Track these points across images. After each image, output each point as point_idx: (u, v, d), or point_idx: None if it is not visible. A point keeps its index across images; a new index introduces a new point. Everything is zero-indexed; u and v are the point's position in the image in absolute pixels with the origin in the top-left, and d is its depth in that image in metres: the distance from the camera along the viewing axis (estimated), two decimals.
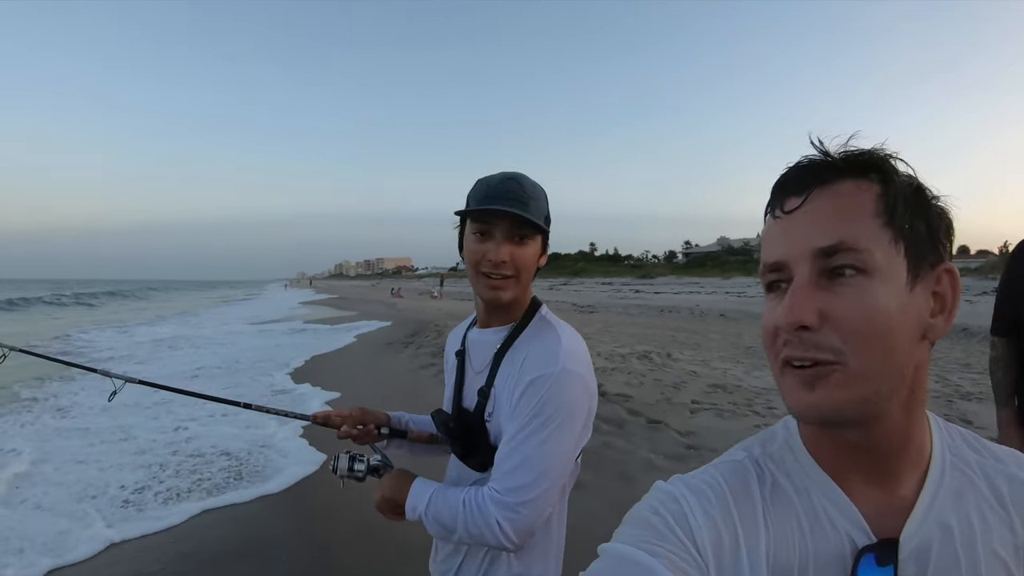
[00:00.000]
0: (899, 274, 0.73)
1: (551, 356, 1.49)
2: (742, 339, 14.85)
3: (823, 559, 0.77)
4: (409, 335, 16.33)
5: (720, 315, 22.22)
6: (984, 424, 6.64)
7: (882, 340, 0.71)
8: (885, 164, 0.77)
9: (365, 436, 1.82)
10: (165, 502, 5.39)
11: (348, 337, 17.99)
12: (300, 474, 5.97)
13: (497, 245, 1.55)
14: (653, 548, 0.75)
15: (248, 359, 14.33)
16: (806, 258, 0.74)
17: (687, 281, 60.69)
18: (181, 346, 17.98)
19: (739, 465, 0.86)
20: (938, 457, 0.82)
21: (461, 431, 1.65)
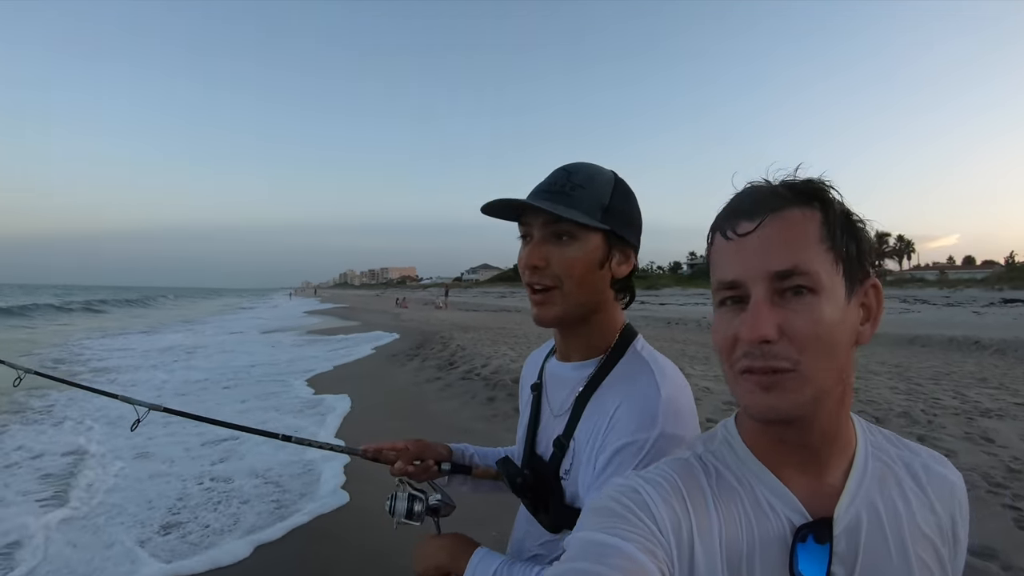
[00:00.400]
0: (839, 291, 0.83)
1: (647, 415, 1.19)
2: None
3: (767, 540, 0.86)
4: (414, 347, 16.13)
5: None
6: (1006, 443, 6.40)
7: (828, 348, 0.81)
8: (825, 193, 0.86)
9: (423, 473, 1.57)
10: (204, 540, 4.82)
11: (361, 350, 17.71)
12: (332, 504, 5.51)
13: (530, 246, 1.31)
14: (622, 532, 0.81)
15: (257, 373, 14.03)
16: (763, 279, 0.82)
17: (692, 292, 60.69)
18: (191, 356, 17.71)
19: (686, 462, 0.94)
20: (861, 448, 0.93)
21: (532, 485, 1.38)
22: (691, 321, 24.85)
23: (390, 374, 12.53)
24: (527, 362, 1.66)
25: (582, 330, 1.36)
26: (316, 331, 26.55)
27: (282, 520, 5.14)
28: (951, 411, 7.94)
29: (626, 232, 1.34)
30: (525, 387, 1.58)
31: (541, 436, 1.44)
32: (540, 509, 1.37)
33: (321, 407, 9.68)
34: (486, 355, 13.05)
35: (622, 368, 1.32)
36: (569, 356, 1.40)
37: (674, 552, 0.82)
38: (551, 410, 1.42)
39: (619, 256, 1.34)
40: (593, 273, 1.30)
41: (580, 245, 1.29)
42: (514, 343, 15.88)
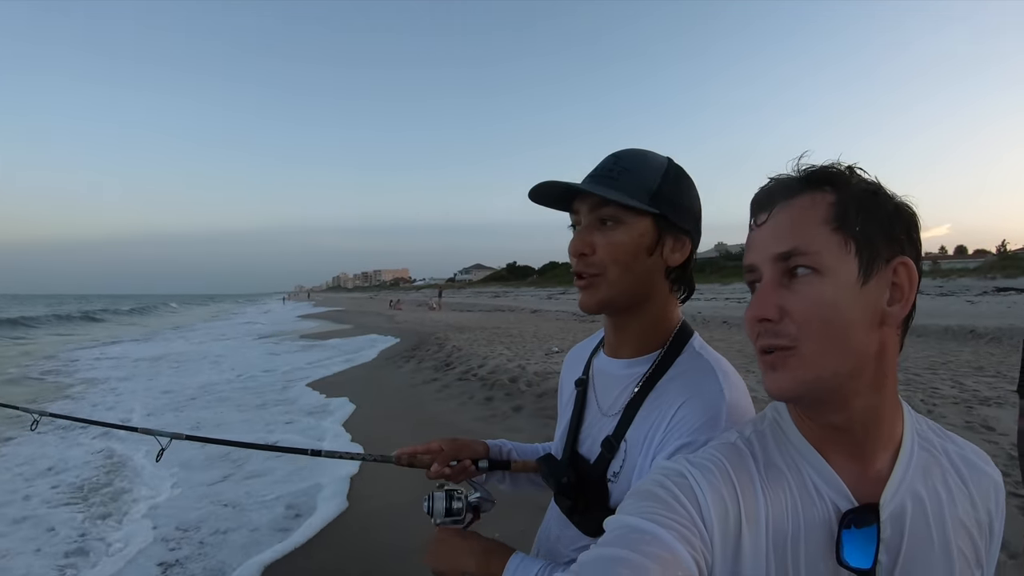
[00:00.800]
0: (848, 271, 0.83)
1: (711, 416, 1.13)
2: (748, 347, 14.26)
3: (812, 525, 0.86)
4: (410, 349, 16.11)
5: (723, 322, 21.99)
6: (1006, 430, 6.44)
7: (832, 327, 0.82)
8: (837, 177, 0.88)
9: (461, 473, 1.49)
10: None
11: (366, 354, 17.57)
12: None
13: (578, 233, 1.26)
14: (660, 519, 0.81)
15: (256, 384, 13.73)
16: (769, 261, 0.87)
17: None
18: (191, 366, 17.46)
19: (734, 446, 0.94)
20: (908, 437, 0.93)
21: (576, 486, 1.31)
22: (686, 316, 24.51)
23: (387, 376, 12.49)
24: (569, 356, 1.59)
25: (633, 322, 1.30)
26: (311, 335, 26.46)
27: (287, 535, 5.05)
28: (950, 400, 7.99)
29: (679, 218, 1.26)
30: (567, 383, 1.51)
31: (585, 435, 1.37)
32: (579, 511, 1.31)
33: (329, 411, 9.63)
34: (482, 355, 13.06)
35: (681, 366, 1.26)
36: (620, 351, 1.34)
37: (716, 540, 0.83)
38: (599, 408, 1.35)
39: (672, 243, 1.26)
40: (641, 259, 1.24)
41: (626, 229, 1.22)
42: (510, 343, 15.85)
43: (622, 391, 1.29)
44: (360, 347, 18.97)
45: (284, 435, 8.41)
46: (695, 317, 24.01)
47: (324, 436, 8.09)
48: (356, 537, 4.83)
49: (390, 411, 9.17)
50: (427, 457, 1.49)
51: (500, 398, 9.01)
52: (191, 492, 6.16)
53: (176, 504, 5.88)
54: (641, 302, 1.28)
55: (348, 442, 7.71)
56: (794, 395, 0.86)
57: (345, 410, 9.50)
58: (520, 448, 1.65)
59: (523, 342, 15.98)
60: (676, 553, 0.77)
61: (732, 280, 61.45)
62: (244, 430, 8.85)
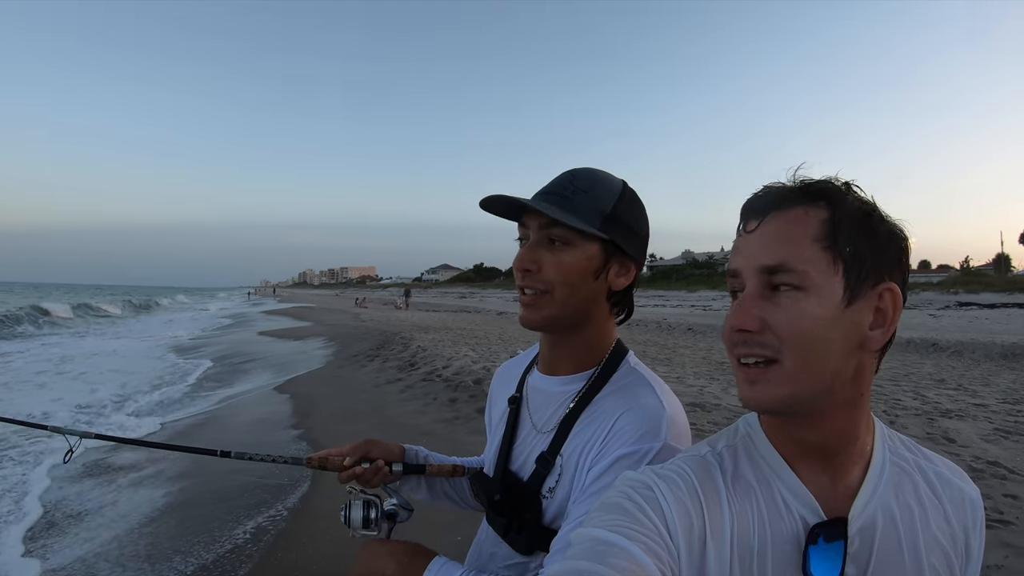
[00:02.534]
0: (835, 291, 0.83)
1: (652, 425, 1.14)
2: (713, 354, 14.62)
3: (780, 538, 0.86)
4: (375, 347, 15.92)
5: (688, 329, 22.08)
6: (967, 442, 6.57)
7: (813, 346, 0.81)
8: (834, 193, 0.87)
9: (374, 475, 1.45)
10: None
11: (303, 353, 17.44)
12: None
13: (524, 249, 1.26)
14: (628, 532, 0.81)
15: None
16: (754, 272, 0.85)
17: (652, 294, 61.03)
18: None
19: (702, 459, 0.93)
20: (879, 453, 0.93)
21: (509, 505, 1.30)
22: (651, 322, 24.88)
23: (350, 376, 12.30)
24: (499, 374, 1.59)
25: (571, 341, 1.30)
26: (267, 332, 26.19)
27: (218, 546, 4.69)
28: (912, 412, 8.05)
29: (628, 244, 1.27)
30: (499, 401, 1.51)
31: (519, 453, 1.35)
32: (513, 530, 1.29)
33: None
34: (447, 356, 12.95)
35: (617, 382, 1.27)
36: (556, 369, 1.34)
37: (682, 553, 0.83)
38: (533, 426, 1.34)
39: (617, 268, 1.28)
40: (586, 282, 1.25)
41: (575, 252, 1.23)
42: (475, 344, 15.78)
43: (558, 408, 1.29)
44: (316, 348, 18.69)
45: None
46: (660, 324, 24.14)
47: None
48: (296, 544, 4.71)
49: (351, 411, 9.00)
50: (339, 459, 1.45)
51: (464, 400, 8.89)
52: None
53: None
54: (581, 323, 1.29)
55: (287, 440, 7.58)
56: (770, 408, 0.86)
57: (300, 405, 9.35)
58: (437, 457, 1.61)
59: (488, 343, 15.91)
60: (643, 565, 0.77)
61: (698, 287, 62.12)
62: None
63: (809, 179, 0.89)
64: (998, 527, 4.29)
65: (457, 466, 1.55)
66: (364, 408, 9.21)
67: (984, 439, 6.67)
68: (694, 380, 10.64)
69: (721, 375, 11.21)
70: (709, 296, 50.36)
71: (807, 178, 0.89)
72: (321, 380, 11.96)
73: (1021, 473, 5.42)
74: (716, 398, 8.91)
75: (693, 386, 10.00)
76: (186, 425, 8.74)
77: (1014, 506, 4.68)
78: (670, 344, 17.25)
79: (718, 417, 7.63)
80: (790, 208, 0.86)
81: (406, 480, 1.55)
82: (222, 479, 5.73)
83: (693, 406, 8.19)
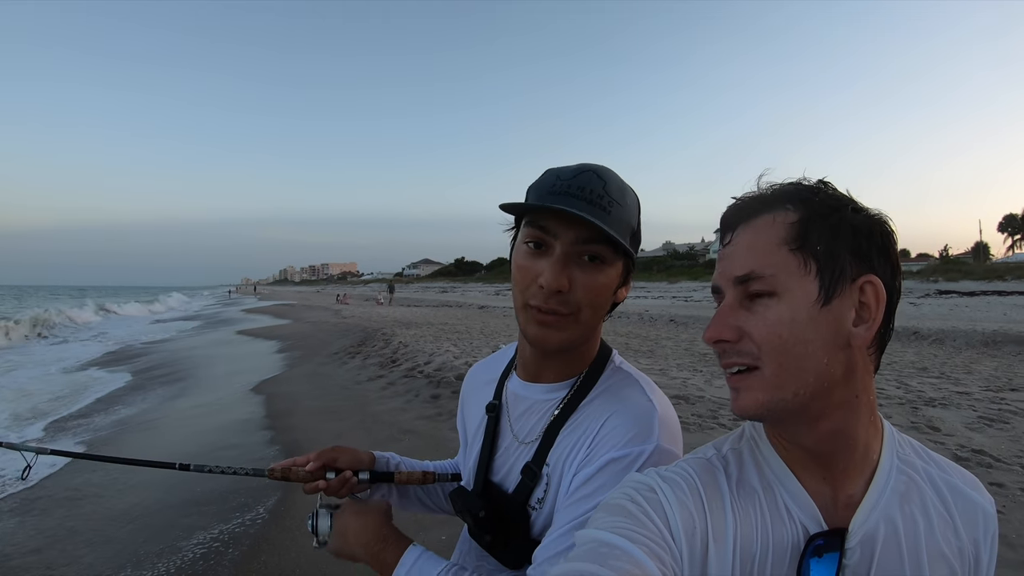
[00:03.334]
0: (808, 292, 0.82)
1: (644, 427, 1.08)
2: (695, 345, 14.65)
3: (780, 545, 0.85)
4: (356, 344, 15.82)
5: (670, 320, 22.15)
6: (951, 431, 6.56)
7: (790, 349, 0.81)
8: (801, 193, 0.87)
9: (341, 486, 1.39)
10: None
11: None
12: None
13: (556, 264, 1.09)
14: (631, 534, 0.80)
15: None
16: (729, 283, 0.87)
17: (634, 285, 60.78)
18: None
19: (707, 461, 0.93)
20: (886, 460, 0.91)
21: (494, 521, 1.22)
22: (633, 314, 24.91)
23: (331, 373, 12.17)
24: (471, 377, 1.51)
25: (567, 353, 1.21)
26: (245, 332, 25.97)
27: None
28: (896, 401, 8.08)
29: (636, 257, 1.23)
30: (473, 407, 1.43)
31: (500, 464, 1.29)
32: (499, 545, 1.22)
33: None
34: (429, 352, 12.87)
35: (604, 384, 1.21)
36: (540, 376, 1.25)
37: (684, 556, 0.83)
38: (515, 436, 1.27)
39: (626, 282, 1.23)
40: (608, 301, 1.18)
41: (609, 271, 1.14)
42: (457, 339, 15.71)
43: (541, 417, 1.23)
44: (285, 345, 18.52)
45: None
46: (643, 315, 24.18)
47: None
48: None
49: (332, 409, 8.89)
50: (302, 469, 1.38)
51: (447, 396, 8.82)
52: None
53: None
54: (583, 338, 1.20)
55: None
56: (755, 415, 0.86)
57: (277, 403, 9.19)
58: (409, 463, 1.56)
59: (470, 338, 15.86)
60: (645, 568, 0.77)
61: (679, 279, 62.32)
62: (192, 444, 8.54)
63: (775, 184, 0.90)
64: None
65: (427, 472, 1.49)
66: (345, 406, 9.10)
67: (968, 427, 6.68)
68: (677, 372, 10.62)
69: (704, 367, 11.22)
70: (690, 287, 50.58)
71: (774, 183, 0.90)
72: (301, 378, 11.83)
73: (1006, 461, 5.43)
74: (700, 390, 8.88)
75: (676, 378, 9.98)
76: (142, 430, 8.60)
77: (1000, 494, 4.68)
78: (652, 336, 17.28)
79: (702, 409, 7.60)
80: (757, 216, 0.87)
81: (377, 488, 1.50)
82: (194, 482, 5.51)
83: (677, 398, 8.16)
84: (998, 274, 37.27)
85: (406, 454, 1.60)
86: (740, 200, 0.91)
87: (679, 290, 47.98)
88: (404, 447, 6.00)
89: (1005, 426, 6.68)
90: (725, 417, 7.27)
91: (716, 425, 6.93)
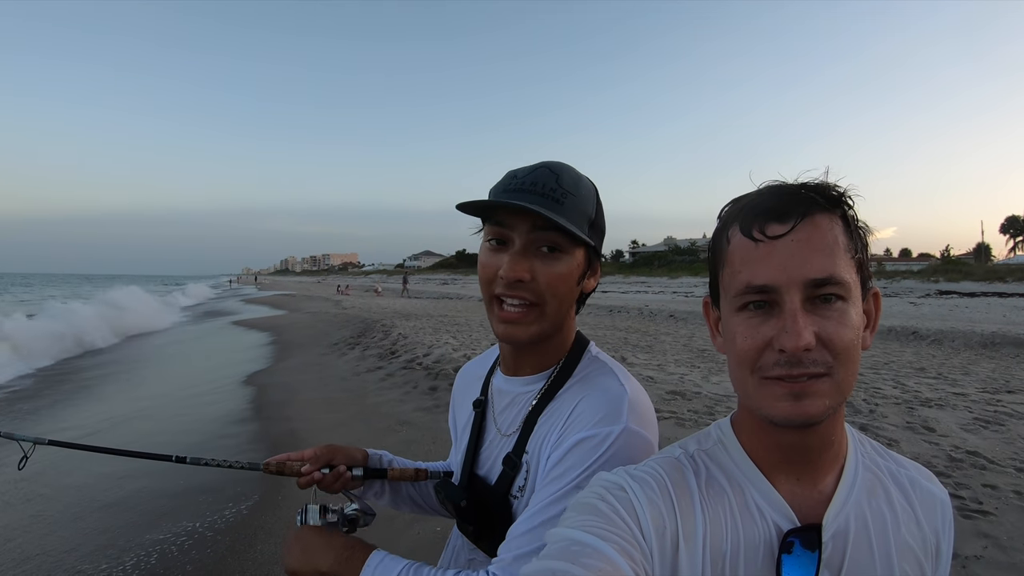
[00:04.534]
0: (859, 298, 0.85)
1: (613, 409, 1.12)
2: (694, 341, 14.61)
3: (752, 544, 0.86)
4: (356, 335, 15.84)
5: (670, 316, 22.08)
6: (946, 432, 6.51)
7: (854, 353, 0.82)
8: (845, 199, 0.86)
9: (335, 481, 1.40)
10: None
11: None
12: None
13: (515, 255, 1.16)
14: (602, 532, 0.81)
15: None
16: (799, 286, 0.81)
17: (635, 280, 61.13)
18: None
19: (676, 460, 0.94)
20: (852, 457, 0.94)
21: (477, 511, 1.28)
22: (633, 309, 24.89)
23: (331, 364, 12.22)
24: (461, 377, 1.55)
25: (538, 346, 1.25)
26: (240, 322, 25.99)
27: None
28: (892, 400, 8.03)
29: (601, 246, 1.27)
30: (462, 405, 1.48)
31: (485, 457, 1.33)
32: (485, 536, 1.27)
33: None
34: (428, 344, 12.89)
35: (579, 373, 1.25)
36: (519, 370, 1.30)
37: (655, 554, 0.83)
38: (498, 429, 1.32)
39: (590, 271, 1.26)
40: (573, 291, 1.22)
41: (567, 260, 1.18)
42: (456, 331, 15.69)
43: (521, 408, 1.27)
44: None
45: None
46: (643, 311, 24.16)
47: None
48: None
49: (331, 400, 8.93)
50: (297, 464, 1.39)
51: (445, 388, 8.80)
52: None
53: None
54: (556, 331, 1.25)
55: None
56: (818, 420, 0.83)
57: (276, 395, 9.22)
58: (401, 462, 1.57)
59: (470, 331, 15.85)
60: (617, 566, 0.77)
61: (680, 274, 62.24)
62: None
63: (821, 183, 0.87)
64: (977, 517, 4.28)
65: (420, 470, 1.49)
66: (343, 397, 9.14)
67: (964, 428, 6.65)
68: (675, 368, 10.59)
69: (702, 362, 11.20)
70: (691, 283, 50.39)
71: (812, 180, 0.87)
72: (301, 368, 11.88)
73: (1000, 463, 5.41)
74: (697, 386, 8.86)
75: (674, 374, 9.96)
76: (139, 419, 8.63)
77: (993, 496, 4.66)
78: (652, 331, 17.23)
79: (698, 405, 7.60)
80: (815, 215, 0.84)
81: (369, 485, 1.51)
82: (190, 472, 5.40)
83: (673, 394, 8.18)
84: (999, 276, 37.23)
85: (403, 445, 1.63)
86: (793, 189, 0.87)
87: (680, 285, 47.94)
88: (401, 439, 6.01)
89: (1000, 428, 6.65)
90: (721, 413, 7.24)
91: (711, 421, 6.77)
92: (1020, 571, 3.62)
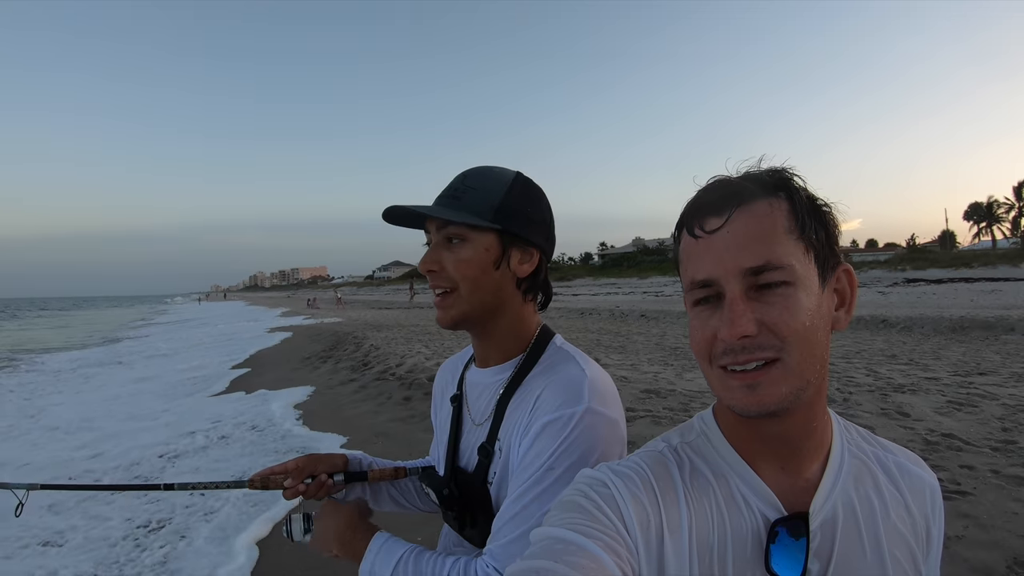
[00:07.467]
0: (813, 279, 0.83)
1: (573, 392, 1.18)
2: (666, 339, 14.73)
3: (740, 534, 0.86)
4: (328, 349, 15.77)
5: (641, 315, 22.22)
6: (921, 416, 6.62)
7: (809, 336, 0.81)
8: (790, 182, 0.86)
9: (318, 490, 1.47)
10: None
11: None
12: None
13: (427, 252, 1.32)
14: (586, 529, 0.80)
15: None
16: (736, 276, 0.81)
17: (604, 282, 61.55)
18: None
19: (659, 454, 0.93)
20: (838, 443, 0.93)
21: (458, 498, 1.35)
22: (604, 311, 25.00)
23: (304, 378, 12.16)
24: (440, 375, 1.62)
25: (492, 332, 1.35)
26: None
27: None
28: (865, 388, 8.14)
29: (526, 231, 1.32)
30: (442, 401, 1.54)
31: (464, 448, 1.39)
32: (468, 524, 1.34)
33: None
34: (400, 354, 12.87)
35: (544, 362, 1.31)
36: (487, 361, 1.38)
37: (640, 550, 0.82)
38: (472, 419, 1.39)
39: (519, 255, 1.32)
40: (488, 274, 1.29)
41: (471, 246, 1.28)
42: (428, 340, 15.69)
43: (491, 398, 1.34)
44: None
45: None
46: (614, 312, 24.26)
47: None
48: None
49: (305, 415, 8.88)
50: (281, 477, 1.46)
51: (419, 397, 8.81)
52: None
53: None
54: (495, 313, 1.33)
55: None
56: (776, 409, 0.82)
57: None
58: (381, 463, 1.62)
59: (442, 339, 15.82)
60: (601, 562, 0.77)
61: (649, 274, 62.61)
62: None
63: (760, 170, 0.88)
64: (956, 498, 4.31)
65: (399, 468, 1.56)
66: (318, 410, 9.11)
67: (937, 412, 6.74)
68: (648, 367, 10.63)
69: (675, 360, 11.25)
70: (661, 282, 50.87)
71: (754, 168, 0.88)
72: (273, 384, 11.78)
73: (975, 444, 5.47)
74: (671, 384, 8.89)
75: (648, 372, 9.99)
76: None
77: (971, 476, 4.71)
78: (624, 331, 17.34)
79: (673, 403, 7.60)
80: (753, 202, 0.83)
81: (351, 489, 1.56)
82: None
83: (648, 392, 8.18)
84: (964, 261, 37.95)
85: (380, 457, 1.64)
86: (729, 181, 0.88)
87: (649, 285, 48.36)
88: (377, 450, 5.96)
89: (974, 410, 6.74)
90: (696, 409, 7.24)
91: (687, 417, 6.78)
92: (1001, 548, 3.65)
